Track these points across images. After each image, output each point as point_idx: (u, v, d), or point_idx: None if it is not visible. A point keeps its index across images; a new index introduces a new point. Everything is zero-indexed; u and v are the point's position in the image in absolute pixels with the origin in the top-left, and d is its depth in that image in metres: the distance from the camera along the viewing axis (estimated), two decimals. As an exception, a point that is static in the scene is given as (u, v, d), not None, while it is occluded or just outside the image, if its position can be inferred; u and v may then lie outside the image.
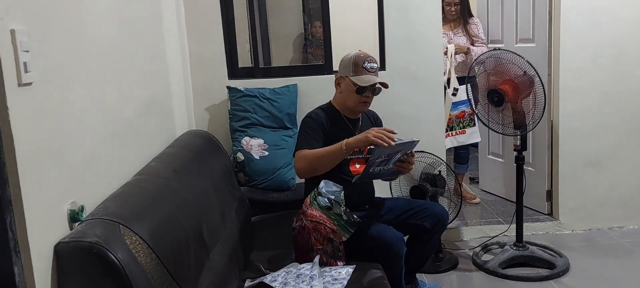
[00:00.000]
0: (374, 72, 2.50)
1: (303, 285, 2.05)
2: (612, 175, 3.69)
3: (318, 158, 2.39)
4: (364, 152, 2.58)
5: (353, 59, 2.51)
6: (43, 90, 1.42)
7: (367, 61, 2.50)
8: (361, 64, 2.49)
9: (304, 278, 2.10)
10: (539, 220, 3.77)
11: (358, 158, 2.55)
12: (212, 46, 3.30)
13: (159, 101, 2.56)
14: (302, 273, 2.15)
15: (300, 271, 2.16)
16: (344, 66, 2.54)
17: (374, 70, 2.51)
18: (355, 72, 2.49)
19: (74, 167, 1.58)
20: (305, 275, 2.12)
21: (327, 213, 2.29)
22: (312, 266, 2.18)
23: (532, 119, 3.02)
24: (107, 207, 1.61)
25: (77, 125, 1.63)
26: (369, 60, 2.50)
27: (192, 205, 2.02)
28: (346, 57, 2.55)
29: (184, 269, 1.75)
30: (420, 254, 2.70)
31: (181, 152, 2.41)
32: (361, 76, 2.48)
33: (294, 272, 2.16)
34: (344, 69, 2.54)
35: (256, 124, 3.20)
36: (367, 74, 2.49)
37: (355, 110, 2.57)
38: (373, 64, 2.51)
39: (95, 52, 1.80)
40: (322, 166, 2.40)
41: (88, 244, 1.41)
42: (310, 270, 2.15)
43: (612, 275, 3.09)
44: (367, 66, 2.49)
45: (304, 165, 2.43)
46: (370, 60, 2.51)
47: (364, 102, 2.53)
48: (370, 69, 2.49)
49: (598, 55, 3.54)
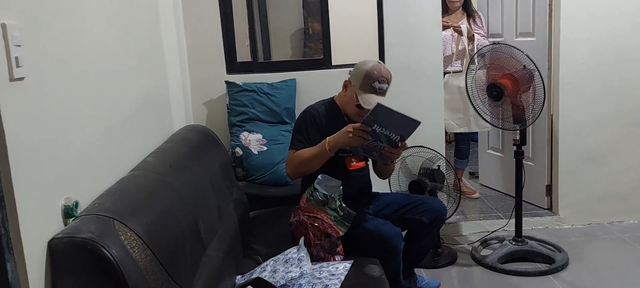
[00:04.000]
0: (381, 93, 2.38)
1: (292, 268, 2.06)
2: (612, 170, 3.67)
3: (303, 161, 2.38)
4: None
5: (366, 72, 2.37)
6: (35, 85, 1.41)
7: (378, 81, 2.36)
8: (371, 82, 2.36)
9: (293, 261, 2.10)
10: (539, 215, 3.76)
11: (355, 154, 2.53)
12: (210, 40, 3.29)
13: (155, 96, 2.55)
14: (289, 258, 2.15)
15: (288, 256, 2.16)
16: (356, 74, 2.42)
17: (383, 91, 2.39)
18: (363, 86, 2.38)
19: (68, 163, 1.57)
20: (293, 258, 2.12)
21: (323, 208, 2.28)
22: (298, 249, 2.18)
23: (531, 114, 3.00)
24: (101, 203, 1.60)
25: (72, 120, 1.62)
26: (380, 80, 2.37)
27: (188, 200, 2.01)
28: (362, 65, 2.42)
29: (180, 265, 1.74)
30: (419, 249, 2.69)
31: (178, 147, 2.40)
32: (366, 94, 2.37)
33: (282, 258, 2.16)
34: (355, 76, 2.42)
35: (254, 118, 3.19)
36: (374, 94, 2.36)
37: (353, 118, 2.49)
38: (383, 85, 2.38)
39: (89, 46, 1.79)
40: (310, 167, 2.38)
41: (82, 240, 1.39)
42: (298, 253, 2.15)
43: (611, 269, 3.09)
44: (376, 86, 2.36)
45: (291, 170, 2.44)
46: (382, 80, 2.37)
47: (362, 115, 2.42)
48: (378, 89, 2.37)
49: (598, 49, 3.52)
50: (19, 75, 1.32)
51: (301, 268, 2.07)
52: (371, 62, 2.43)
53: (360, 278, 2.20)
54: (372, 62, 2.42)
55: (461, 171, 4.26)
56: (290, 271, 2.06)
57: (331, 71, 3.33)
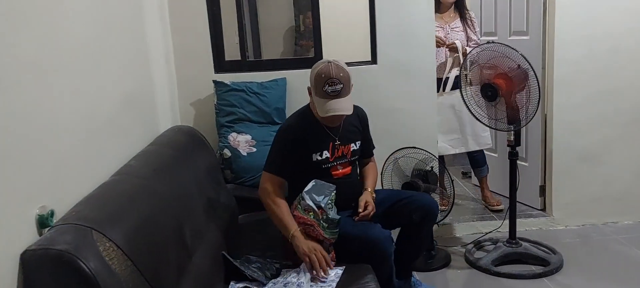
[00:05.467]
0: (335, 96, 2.25)
1: None
2: (607, 170, 3.63)
3: (272, 215, 2.35)
4: (347, 156, 2.48)
5: (315, 76, 2.28)
6: (10, 88, 1.33)
7: (328, 84, 2.23)
8: (322, 86, 2.24)
9: (291, 286, 2.03)
10: (532, 216, 3.72)
11: (341, 163, 2.46)
12: (197, 38, 3.19)
13: (140, 96, 2.46)
14: (289, 282, 2.08)
15: (287, 279, 2.09)
16: (311, 79, 2.32)
17: (337, 92, 2.24)
18: (317, 91, 2.28)
19: (44, 169, 1.49)
20: (292, 282, 2.05)
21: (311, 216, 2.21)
22: (299, 273, 2.12)
23: (526, 114, 2.95)
24: (79, 211, 1.52)
25: (49, 124, 1.54)
26: (329, 82, 2.23)
27: (173, 206, 1.93)
28: (314, 68, 2.31)
29: (163, 275, 1.67)
30: (411, 250, 2.62)
31: (163, 149, 2.32)
32: (321, 100, 2.26)
33: (281, 281, 2.09)
34: (311, 82, 2.32)
35: (243, 119, 3.11)
36: (328, 100, 2.25)
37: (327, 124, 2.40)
38: (335, 87, 2.23)
39: (66, 45, 1.71)
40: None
41: (57, 252, 1.32)
42: (298, 278, 2.08)
43: (606, 271, 3.04)
44: (328, 90, 2.23)
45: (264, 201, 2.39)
46: (332, 81, 2.23)
47: (329, 122, 2.36)
48: (331, 92, 2.23)
49: (593, 49, 3.47)
50: (-11, 77, 1.24)
51: None
52: (322, 63, 2.30)
53: (352, 284, 2.14)
54: (323, 63, 2.30)
55: (484, 179, 3.98)
56: None
57: (322, 70, 3.25)
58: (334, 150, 2.44)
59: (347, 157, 2.48)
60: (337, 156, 2.44)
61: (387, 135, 3.14)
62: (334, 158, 2.44)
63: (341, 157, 2.46)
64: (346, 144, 2.47)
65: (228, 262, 2.17)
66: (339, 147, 2.45)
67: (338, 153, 2.45)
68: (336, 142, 2.44)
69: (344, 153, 2.47)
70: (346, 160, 2.48)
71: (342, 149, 2.46)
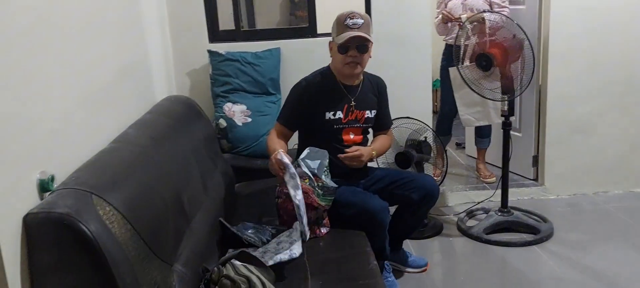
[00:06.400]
0: (355, 28, 2.36)
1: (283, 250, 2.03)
2: (599, 141, 3.68)
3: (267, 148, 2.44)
4: (360, 121, 2.50)
5: (337, 18, 2.41)
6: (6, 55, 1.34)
7: (349, 18, 2.36)
8: (343, 21, 2.37)
9: (284, 244, 2.08)
10: (525, 185, 3.77)
11: (352, 127, 2.49)
12: (191, 7, 3.19)
13: (135, 65, 2.47)
14: (282, 240, 2.12)
15: (280, 238, 2.14)
16: (332, 28, 2.45)
17: (358, 26, 2.36)
18: (338, 31, 2.39)
19: (43, 135, 1.51)
20: (285, 241, 2.10)
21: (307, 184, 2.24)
22: (290, 232, 2.16)
23: (520, 84, 2.97)
24: (79, 177, 1.55)
25: (46, 91, 1.55)
26: (350, 16, 2.36)
27: (170, 173, 1.96)
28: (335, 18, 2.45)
29: (162, 239, 1.70)
30: (406, 225, 2.67)
31: (160, 118, 2.33)
32: (342, 34, 2.37)
33: (274, 241, 2.13)
34: (333, 31, 2.44)
35: (238, 89, 3.12)
36: (347, 31, 2.36)
37: (345, 73, 2.46)
38: (356, 20, 2.36)
39: (61, 12, 1.71)
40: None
41: (58, 215, 1.35)
42: (290, 237, 2.12)
43: (595, 239, 3.11)
44: (349, 23, 2.36)
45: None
46: (353, 16, 2.37)
47: (349, 62, 2.40)
48: (352, 25, 2.36)
49: (589, 20, 3.48)
50: (-15, 42, 1.25)
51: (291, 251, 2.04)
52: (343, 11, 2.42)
53: (346, 251, 2.19)
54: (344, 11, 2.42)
55: (483, 151, 4.02)
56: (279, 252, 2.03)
57: (316, 40, 3.26)
58: (348, 112, 2.47)
59: (360, 123, 2.51)
60: (350, 119, 2.47)
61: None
62: (347, 120, 2.47)
63: (354, 120, 2.49)
64: (361, 109, 2.51)
65: (225, 228, 2.20)
66: (354, 111, 2.48)
67: (351, 117, 2.48)
68: (352, 103, 2.47)
69: (358, 118, 2.50)
70: (358, 126, 2.51)
71: (356, 113, 2.49)
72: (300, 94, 2.46)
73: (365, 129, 2.57)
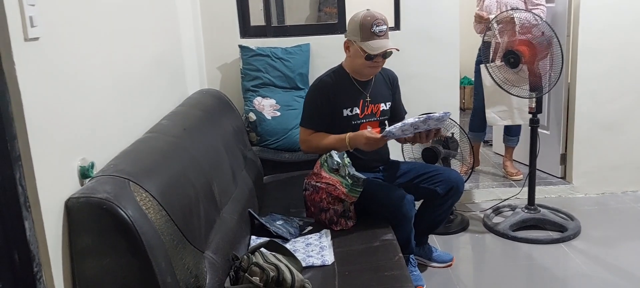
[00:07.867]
0: (384, 36, 2.37)
1: (313, 254, 2.07)
2: (628, 139, 3.63)
3: (321, 148, 2.44)
4: (376, 114, 2.55)
5: (361, 22, 2.36)
6: (50, 46, 1.41)
7: (376, 25, 2.34)
8: (369, 28, 2.34)
9: (314, 247, 2.11)
10: (552, 184, 3.74)
11: (369, 121, 2.53)
12: (224, 4, 3.26)
13: (169, 59, 2.55)
14: (311, 243, 2.16)
15: (309, 241, 2.17)
16: (351, 29, 2.41)
17: (384, 33, 2.37)
18: (363, 37, 2.36)
19: (83, 124, 1.58)
20: (315, 245, 2.13)
21: (335, 175, 2.28)
22: (320, 236, 2.19)
23: (548, 82, 2.96)
24: (117, 164, 1.62)
25: (86, 81, 1.62)
26: (377, 24, 2.34)
27: (202, 163, 2.02)
28: (354, 18, 2.41)
29: (194, 226, 1.76)
30: (431, 219, 2.68)
31: (192, 110, 2.40)
32: (370, 42, 2.35)
33: (303, 241, 2.17)
34: (352, 32, 2.41)
35: (268, 83, 3.18)
36: (377, 39, 2.35)
37: (364, 74, 2.50)
38: (382, 27, 2.36)
39: (103, 7, 1.78)
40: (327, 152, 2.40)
41: (98, 200, 1.41)
42: (320, 241, 2.15)
43: (623, 238, 3.08)
44: (376, 30, 2.34)
45: (307, 149, 2.52)
46: (379, 22, 2.35)
47: (374, 66, 2.44)
48: (379, 33, 2.35)
49: (619, 17, 3.43)
50: (34, 35, 1.32)
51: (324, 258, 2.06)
52: (361, 12, 2.41)
53: (372, 242, 2.22)
54: (361, 12, 2.40)
55: (511, 149, 3.99)
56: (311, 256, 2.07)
57: (345, 36, 3.29)
58: (364, 107, 2.51)
59: (376, 116, 2.55)
60: (367, 113, 2.52)
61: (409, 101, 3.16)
62: (363, 115, 2.51)
63: (370, 114, 2.53)
64: (376, 102, 2.55)
65: (254, 218, 2.26)
66: (369, 105, 2.52)
67: (368, 111, 2.52)
68: (367, 99, 2.51)
69: (374, 112, 2.54)
70: (375, 119, 2.55)
71: (372, 107, 2.53)
72: (320, 95, 2.48)
73: (382, 121, 2.60)
